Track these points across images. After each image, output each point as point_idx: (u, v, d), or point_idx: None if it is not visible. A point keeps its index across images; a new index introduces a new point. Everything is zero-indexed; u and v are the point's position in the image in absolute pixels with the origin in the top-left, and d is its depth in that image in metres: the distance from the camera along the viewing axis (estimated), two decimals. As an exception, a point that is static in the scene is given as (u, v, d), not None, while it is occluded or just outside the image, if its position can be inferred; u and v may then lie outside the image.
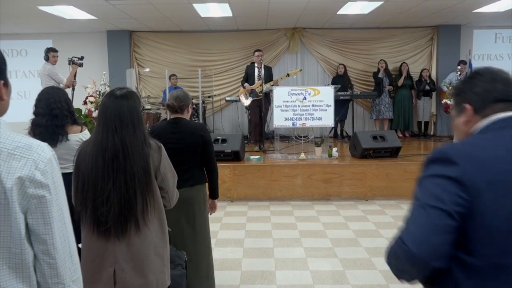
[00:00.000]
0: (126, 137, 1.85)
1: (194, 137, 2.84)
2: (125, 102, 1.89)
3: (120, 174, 1.83)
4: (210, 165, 2.92)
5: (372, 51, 9.49)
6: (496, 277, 1.01)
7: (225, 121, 9.62)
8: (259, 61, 7.33)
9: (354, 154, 6.24)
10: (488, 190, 1.02)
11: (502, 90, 1.15)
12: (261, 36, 9.40)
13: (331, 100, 6.20)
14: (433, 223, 1.03)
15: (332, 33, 9.38)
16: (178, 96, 2.88)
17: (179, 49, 9.52)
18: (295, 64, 9.47)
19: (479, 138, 1.14)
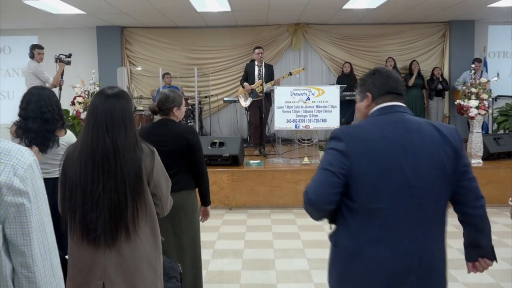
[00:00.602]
0: (117, 138, 1.86)
1: (179, 140, 2.85)
2: (117, 101, 1.91)
3: (111, 177, 1.84)
4: (197, 169, 2.93)
5: (380, 48, 9.52)
6: (369, 216, 1.62)
7: (223, 123, 9.63)
8: (259, 59, 7.35)
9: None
10: (361, 159, 1.62)
11: (392, 85, 1.76)
12: (261, 32, 9.42)
13: (337, 100, 6.21)
14: (325, 180, 1.63)
15: (338, 29, 9.41)
16: (160, 99, 2.92)
17: (173, 46, 9.55)
18: (298, 62, 9.49)
19: (366, 121, 1.75)
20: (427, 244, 1.65)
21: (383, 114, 1.72)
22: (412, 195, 1.61)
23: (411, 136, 1.65)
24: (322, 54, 9.54)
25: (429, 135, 1.67)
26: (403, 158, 1.61)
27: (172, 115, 2.93)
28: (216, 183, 5.81)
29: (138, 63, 9.59)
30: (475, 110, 5.96)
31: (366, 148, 1.62)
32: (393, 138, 1.64)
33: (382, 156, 1.61)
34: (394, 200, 1.60)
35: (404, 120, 1.70)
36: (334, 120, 6.23)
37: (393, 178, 1.60)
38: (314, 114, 6.21)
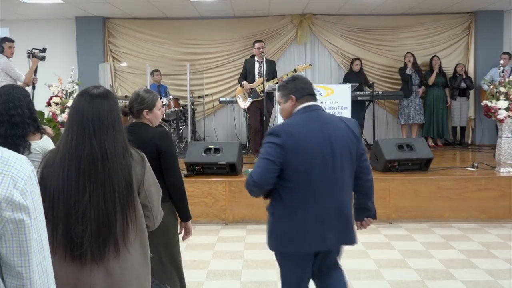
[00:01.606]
0: (106, 142, 1.89)
1: (147, 147, 2.82)
2: (105, 102, 1.93)
3: (98, 186, 1.86)
4: (169, 179, 2.91)
5: (396, 42, 9.55)
6: (299, 190, 2.50)
7: (219, 126, 9.64)
8: (260, 54, 7.37)
9: (375, 166, 6.24)
10: (293, 150, 2.47)
11: (310, 89, 2.67)
12: (262, 24, 9.46)
13: (348, 101, 6.22)
14: (267, 168, 2.47)
15: (348, 21, 9.44)
16: (130, 99, 2.95)
17: (163, 40, 9.57)
18: (304, 58, 9.52)
19: (295, 119, 2.59)
20: (344, 202, 2.59)
21: (307, 111, 2.60)
22: (332, 173, 2.53)
23: (328, 128, 2.56)
24: (330, 48, 9.57)
25: (339, 127, 2.59)
26: (324, 146, 2.52)
27: (143, 118, 2.94)
28: (210, 194, 5.80)
29: (123, 58, 9.61)
30: (504, 112, 5.95)
31: (297, 141, 2.49)
32: (316, 132, 2.53)
33: (309, 147, 2.49)
34: (318, 178, 2.50)
35: (322, 116, 2.62)
36: (345, 123, 6.23)
37: (318, 162, 2.50)
38: (322, 117, 6.22)
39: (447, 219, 5.79)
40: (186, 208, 3.01)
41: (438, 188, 5.82)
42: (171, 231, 2.99)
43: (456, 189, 5.81)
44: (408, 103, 8.85)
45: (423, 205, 5.82)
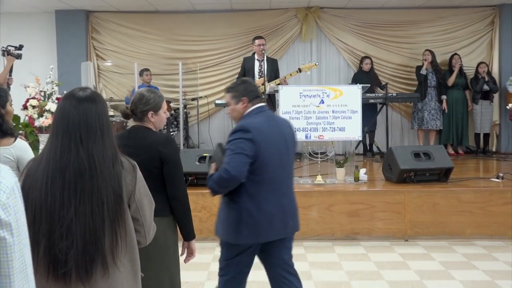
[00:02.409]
0: (94, 149, 1.90)
1: (149, 154, 2.86)
2: (92, 105, 1.95)
3: (85, 198, 1.86)
4: (172, 191, 2.89)
5: (412, 38, 9.58)
6: (264, 183, 3.01)
7: (215, 132, 9.65)
8: (260, 52, 7.38)
9: (389, 177, 6.24)
10: (261, 145, 2.96)
11: (258, 91, 3.26)
12: (263, 18, 9.49)
13: (358, 104, 6.22)
14: (242, 161, 2.91)
15: (359, 15, 9.48)
16: (134, 100, 2.95)
17: (152, 36, 9.60)
18: (309, 56, 9.55)
19: (255, 118, 3.09)
20: (291, 197, 3.22)
21: (260, 112, 3.13)
22: (286, 167, 3.12)
23: (281, 127, 3.16)
24: (339, 45, 9.60)
25: (286, 126, 3.22)
26: (281, 143, 3.08)
27: (147, 121, 2.94)
28: (205, 208, 5.79)
29: (108, 56, 9.64)
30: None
31: (264, 137, 2.99)
32: (274, 130, 3.09)
33: (272, 142, 3.03)
34: (278, 172, 3.05)
35: (274, 116, 3.32)
36: (355, 129, 6.24)
37: (278, 157, 3.05)
38: (329, 122, 6.22)
39: (469, 236, 5.77)
40: (189, 225, 2.98)
41: (459, 201, 5.81)
42: (171, 249, 2.96)
43: (479, 203, 5.80)
44: (422, 106, 8.85)
45: (442, 220, 5.81)
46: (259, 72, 7.45)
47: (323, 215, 5.84)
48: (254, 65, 7.50)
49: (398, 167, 6.01)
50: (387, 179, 6.33)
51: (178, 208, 2.92)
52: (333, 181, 6.21)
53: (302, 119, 6.22)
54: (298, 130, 6.21)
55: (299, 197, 5.88)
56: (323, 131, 6.23)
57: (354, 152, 7.01)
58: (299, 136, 6.25)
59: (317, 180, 6.16)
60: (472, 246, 5.59)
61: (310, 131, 6.23)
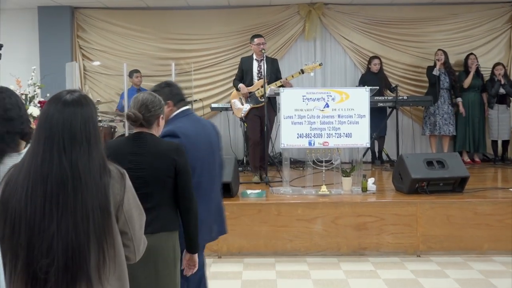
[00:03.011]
0: (78, 159, 1.88)
1: (164, 163, 2.86)
2: (79, 110, 1.93)
3: (68, 212, 1.84)
4: (185, 203, 2.94)
5: (424, 37, 9.60)
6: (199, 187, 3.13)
7: (210, 138, 9.63)
8: (259, 51, 7.39)
9: (400, 187, 6.24)
10: (191, 149, 3.05)
11: (183, 94, 3.40)
12: (263, 15, 9.52)
13: (366, 108, 6.23)
14: None
15: (366, 11, 9.51)
16: (144, 103, 2.92)
17: (143, 34, 9.62)
18: (312, 56, 9.57)
19: (182, 121, 3.24)
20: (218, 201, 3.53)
21: (185, 115, 3.29)
22: (212, 171, 3.34)
23: (206, 130, 3.34)
24: (345, 44, 9.62)
25: (210, 129, 3.42)
26: (208, 147, 3.29)
27: (156, 126, 2.96)
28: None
29: (95, 56, 9.65)
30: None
31: (191, 142, 3.12)
32: (201, 133, 3.27)
33: (199, 147, 3.19)
34: (205, 176, 3.23)
35: (199, 119, 3.52)
36: (363, 135, 6.24)
37: (204, 161, 3.22)
38: (335, 127, 6.22)
39: (486, 251, 5.77)
40: (197, 237, 3.05)
41: (475, 213, 5.80)
42: (178, 266, 3.00)
43: (497, 215, 5.79)
44: (434, 110, 8.86)
45: (457, 234, 5.80)
46: (258, 73, 7.44)
47: (328, 228, 5.83)
48: (253, 65, 7.49)
49: (409, 176, 6.01)
50: (397, 189, 6.33)
51: (191, 220, 2.97)
52: (339, 192, 6.20)
53: (305, 124, 6.22)
54: (301, 136, 6.22)
55: (303, 210, 5.92)
56: (328, 137, 6.23)
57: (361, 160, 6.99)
58: (302, 142, 6.27)
59: (322, 191, 6.16)
60: (490, 262, 5.59)
61: (314, 137, 6.23)
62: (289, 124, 6.24)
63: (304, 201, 5.92)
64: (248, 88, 7.42)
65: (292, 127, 6.24)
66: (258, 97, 7.35)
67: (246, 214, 5.85)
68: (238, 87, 7.51)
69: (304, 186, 6.53)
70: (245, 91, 7.42)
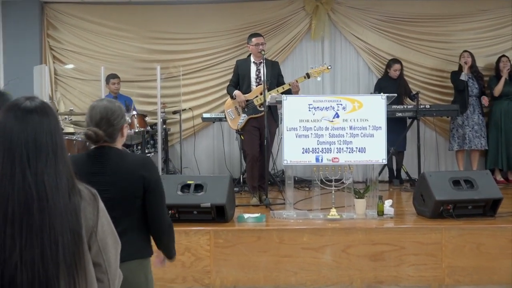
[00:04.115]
0: (44, 175, 1.86)
1: (130, 181, 2.88)
2: (44, 119, 1.92)
3: (34, 238, 1.82)
4: (159, 226, 2.96)
5: (449, 36, 9.63)
6: None
7: (202, 153, 9.65)
8: (258, 53, 7.39)
9: (422, 210, 6.23)
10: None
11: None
12: (262, 11, 9.56)
13: (382, 118, 6.23)
14: None
15: (383, 7, 9.55)
16: (104, 116, 2.92)
17: (124, 33, 9.64)
18: (320, 58, 9.59)
19: None
20: None
21: None
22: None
23: None
24: (358, 45, 9.64)
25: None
26: None
27: (119, 138, 2.97)
28: (189, 250, 5.76)
29: (68, 59, 9.65)
30: None
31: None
32: None
33: None
34: None
35: None
36: (379, 150, 6.23)
37: None
38: (346, 140, 6.21)
39: (523, 285, 5.76)
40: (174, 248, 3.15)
41: (510, 241, 5.80)
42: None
43: (535, 243, 5.79)
44: (463, 121, 8.86)
45: (489, 266, 5.78)
46: (257, 78, 7.42)
47: (338, 258, 5.81)
48: (250, 69, 7.47)
49: (432, 198, 6.00)
50: (419, 213, 6.32)
51: (166, 244, 3.04)
52: (351, 216, 6.19)
53: (311, 137, 6.22)
54: (307, 151, 6.22)
55: (309, 237, 5.89)
56: (338, 152, 6.22)
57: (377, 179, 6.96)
58: (309, 158, 6.26)
59: (331, 215, 6.15)
60: (527, 298, 5.58)
61: (322, 152, 6.22)
62: (293, 137, 6.24)
63: (311, 227, 5.91)
64: (245, 95, 7.41)
65: (296, 140, 6.23)
66: (257, 106, 7.34)
67: (243, 242, 5.83)
68: (233, 94, 7.49)
69: (311, 209, 6.52)
70: (241, 99, 7.41)
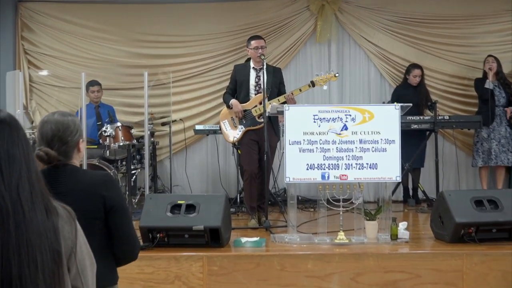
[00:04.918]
0: (19, 187, 1.88)
1: (89, 200, 2.88)
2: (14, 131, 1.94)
3: (10, 256, 1.83)
4: (123, 249, 2.99)
5: (470, 39, 9.66)
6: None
7: (193, 169, 9.66)
8: (258, 57, 7.40)
9: (441, 234, 6.22)
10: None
11: None
12: (263, 10, 9.60)
13: (396, 130, 6.24)
14: None
15: (396, 6, 9.59)
16: (56, 134, 2.91)
17: (107, 35, 9.67)
18: (326, 64, 9.62)
19: None
20: None
21: None
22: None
23: None
24: (368, 49, 9.67)
25: None
26: None
27: (76, 153, 2.98)
28: (180, 278, 5.76)
29: (44, 64, 9.66)
30: None
31: None
32: None
33: None
34: None
35: None
36: (392, 166, 6.22)
37: None
38: (355, 155, 6.21)
39: (555, 318, 5.75)
40: None
41: (539, 268, 5.80)
42: None
43: None
44: (488, 134, 8.87)
45: (516, 296, 5.79)
46: (256, 85, 7.43)
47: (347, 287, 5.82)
48: (249, 76, 7.47)
49: (453, 220, 6.01)
50: (437, 237, 6.32)
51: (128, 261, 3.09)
52: (361, 240, 6.19)
53: (317, 151, 6.22)
54: (312, 168, 6.21)
55: (314, 264, 5.89)
56: (347, 169, 6.23)
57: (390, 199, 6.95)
58: (314, 175, 6.26)
59: (339, 239, 6.14)
60: (559, 333, 5.57)
61: (329, 169, 6.23)
62: (296, 152, 6.24)
63: (316, 252, 5.91)
64: (242, 105, 7.42)
65: (300, 155, 6.23)
66: (256, 117, 7.35)
67: (240, 269, 5.82)
68: (230, 103, 7.50)
69: (316, 232, 6.52)
70: (238, 109, 7.41)
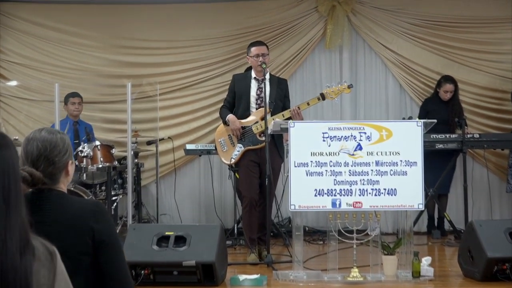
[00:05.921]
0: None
1: (76, 232, 2.87)
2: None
3: None
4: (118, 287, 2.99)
5: (503, 46, 9.67)
6: None
7: (184, 195, 9.67)
8: (259, 66, 7.41)
9: (470, 271, 6.22)
10: None
11: None
12: (264, 11, 9.64)
13: (418, 151, 6.25)
14: None
15: (417, 7, 9.62)
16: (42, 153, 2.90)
17: (86, 41, 9.69)
18: (338, 73, 9.65)
19: None
20: None
21: None
22: None
23: None
24: (385, 56, 9.69)
25: None
26: None
27: (63, 178, 2.98)
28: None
29: (13, 73, 9.68)
30: None
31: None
32: None
33: None
34: None
35: None
36: (413, 191, 6.22)
37: None
38: (371, 180, 6.22)
39: None
40: None
41: None
42: None
43: None
44: (526, 155, 8.90)
45: None
46: (258, 98, 7.43)
47: (362, 334, 5.80)
48: (250, 87, 7.46)
49: (484, 254, 6.00)
50: (466, 274, 6.31)
51: None
52: (379, 278, 6.18)
53: (326, 175, 6.22)
54: (321, 194, 6.21)
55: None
56: (361, 195, 6.23)
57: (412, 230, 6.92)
58: (323, 203, 6.26)
59: (352, 276, 6.14)
60: None
61: (340, 195, 6.22)
62: (303, 176, 6.25)
63: (326, 292, 5.91)
64: (241, 121, 7.42)
65: (307, 179, 6.24)
66: (257, 135, 7.35)
67: (237, 311, 5.83)
68: (226, 119, 7.51)
69: (325, 269, 6.52)
70: (236, 126, 7.41)
